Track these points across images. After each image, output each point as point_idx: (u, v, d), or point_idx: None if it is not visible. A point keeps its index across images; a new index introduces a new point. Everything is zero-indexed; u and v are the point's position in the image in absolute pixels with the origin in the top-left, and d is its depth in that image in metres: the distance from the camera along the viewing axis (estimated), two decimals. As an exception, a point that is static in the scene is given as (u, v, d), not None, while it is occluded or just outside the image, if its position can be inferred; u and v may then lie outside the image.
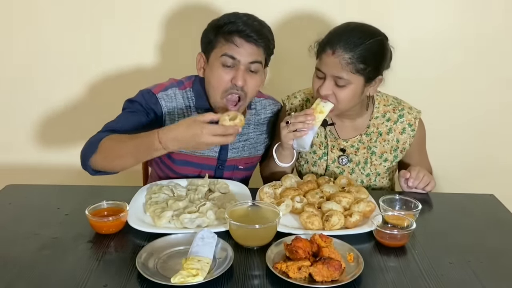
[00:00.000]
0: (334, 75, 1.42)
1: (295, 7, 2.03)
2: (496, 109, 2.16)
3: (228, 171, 1.65)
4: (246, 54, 1.43)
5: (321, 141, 1.66)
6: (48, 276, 1.06)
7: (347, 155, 1.64)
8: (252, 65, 1.46)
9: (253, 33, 1.42)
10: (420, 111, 1.64)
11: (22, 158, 2.27)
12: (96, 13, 2.04)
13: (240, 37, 1.42)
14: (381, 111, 1.62)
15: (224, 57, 1.43)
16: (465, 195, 1.56)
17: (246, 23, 1.43)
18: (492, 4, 2.01)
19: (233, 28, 1.42)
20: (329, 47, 1.41)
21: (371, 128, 1.62)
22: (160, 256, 1.12)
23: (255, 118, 1.67)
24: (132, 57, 2.11)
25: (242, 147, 1.65)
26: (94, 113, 1.56)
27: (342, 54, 1.39)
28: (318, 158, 1.67)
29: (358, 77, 1.42)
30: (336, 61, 1.40)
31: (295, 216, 1.34)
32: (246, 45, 1.43)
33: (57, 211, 1.36)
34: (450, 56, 2.09)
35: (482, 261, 1.15)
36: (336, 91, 1.44)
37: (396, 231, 1.21)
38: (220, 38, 1.45)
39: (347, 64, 1.39)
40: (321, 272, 1.03)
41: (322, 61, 1.44)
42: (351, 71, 1.40)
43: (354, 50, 1.39)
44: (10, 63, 2.13)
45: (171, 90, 1.55)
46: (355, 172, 1.65)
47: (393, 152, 1.64)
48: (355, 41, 1.39)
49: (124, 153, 1.32)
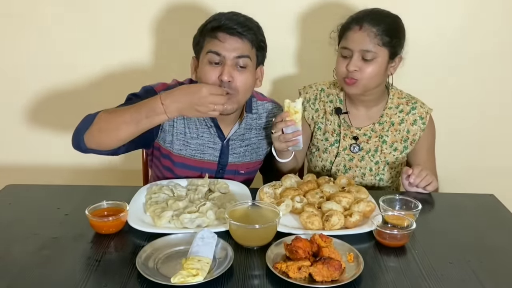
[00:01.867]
0: (362, 49, 1.51)
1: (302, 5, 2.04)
2: (496, 109, 2.16)
3: (229, 175, 1.64)
4: (231, 49, 1.42)
5: (334, 128, 1.71)
6: (48, 276, 1.06)
7: (358, 143, 1.68)
8: (240, 60, 1.44)
9: (236, 26, 1.41)
10: (431, 109, 1.69)
11: (22, 158, 2.27)
12: (97, 10, 2.04)
13: (223, 31, 1.41)
14: (395, 102, 1.68)
15: (209, 54, 1.43)
16: (465, 195, 1.56)
17: (229, 18, 1.43)
18: (500, 5, 2.01)
19: (216, 24, 1.42)
20: (356, 23, 1.53)
21: (384, 118, 1.67)
22: (160, 256, 1.12)
23: (256, 122, 1.66)
24: (130, 56, 2.11)
25: (243, 152, 1.64)
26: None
27: (369, 28, 1.50)
28: (329, 145, 1.72)
29: (384, 50, 1.52)
30: (364, 34, 1.51)
31: (295, 216, 1.34)
32: (230, 39, 1.42)
33: (57, 211, 1.36)
34: (451, 58, 2.09)
35: (482, 261, 1.15)
36: (363, 66, 1.52)
37: (396, 231, 1.21)
38: (206, 36, 1.45)
39: (375, 36, 1.50)
40: (321, 272, 1.03)
41: (348, 39, 1.54)
42: (378, 44, 1.51)
43: (380, 24, 1.51)
44: (10, 62, 2.13)
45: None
46: (364, 159, 1.69)
47: (403, 142, 1.68)
48: (378, 17, 1.53)
49: (123, 121, 1.31)
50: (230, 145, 1.61)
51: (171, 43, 2.08)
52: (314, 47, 1.66)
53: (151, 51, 2.10)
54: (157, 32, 2.07)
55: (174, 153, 1.58)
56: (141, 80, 1.65)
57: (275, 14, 1.96)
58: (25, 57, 2.11)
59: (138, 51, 2.10)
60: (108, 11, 2.03)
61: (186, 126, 1.57)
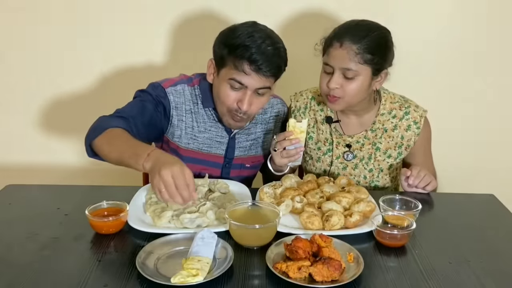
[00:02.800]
0: (343, 67, 1.44)
1: (303, 6, 2.04)
2: (496, 109, 2.16)
3: (235, 169, 1.67)
4: (254, 82, 1.42)
5: (326, 137, 1.68)
6: (48, 276, 1.06)
7: (352, 151, 1.66)
8: (260, 90, 1.45)
9: (263, 65, 1.38)
10: (426, 110, 1.65)
11: (22, 158, 2.27)
12: (107, 9, 2.04)
13: (250, 66, 1.39)
14: (388, 108, 1.64)
15: (232, 81, 1.43)
16: (465, 195, 1.56)
17: (259, 49, 1.38)
18: (495, 6, 2.02)
19: (246, 55, 1.38)
20: (336, 40, 1.45)
21: (376, 124, 1.64)
22: (160, 256, 1.12)
23: (262, 117, 1.68)
24: (142, 54, 2.11)
25: (249, 146, 1.67)
26: (96, 114, 1.55)
27: (349, 46, 1.43)
28: (322, 154, 1.70)
29: (366, 68, 1.45)
30: (344, 52, 1.43)
31: (295, 216, 1.34)
32: (255, 75, 1.41)
33: (57, 211, 1.36)
34: (449, 56, 2.09)
35: (482, 261, 1.15)
36: (345, 84, 1.47)
37: (396, 231, 1.21)
38: (231, 59, 1.41)
39: (355, 54, 1.43)
40: (321, 272, 1.03)
41: (330, 55, 1.47)
42: (359, 62, 1.43)
43: (361, 41, 1.42)
44: (12, 61, 2.12)
45: (180, 85, 1.57)
46: (358, 167, 1.67)
47: (397, 149, 1.65)
48: (361, 33, 1.44)
49: (115, 148, 1.31)
50: (237, 139, 1.64)
51: (181, 40, 2.08)
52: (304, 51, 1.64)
53: (160, 49, 2.10)
54: (166, 31, 2.07)
55: (181, 147, 1.59)
56: (151, 78, 1.65)
57: (265, 16, 1.93)
58: (28, 55, 2.11)
59: (148, 48, 2.11)
60: (119, 7, 2.04)
61: (194, 120, 1.58)
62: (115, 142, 1.34)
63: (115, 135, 1.35)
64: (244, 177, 1.69)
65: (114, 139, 1.34)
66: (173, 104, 1.55)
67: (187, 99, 1.57)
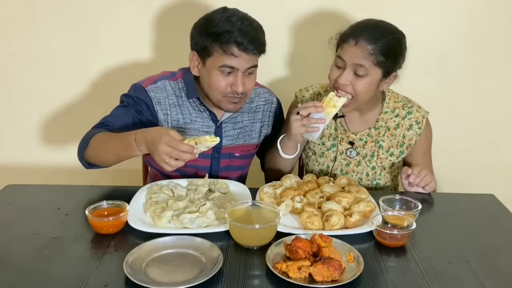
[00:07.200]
0: (356, 63, 1.46)
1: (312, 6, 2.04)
2: (496, 109, 2.16)
3: (225, 159, 1.67)
4: (244, 63, 1.46)
5: (331, 132, 1.69)
6: (48, 276, 1.06)
7: (355, 148, 1.66)
8: (249, 69, 1.49)
9: (250, 44, 1.42)
10: (428, 112, 1.66)
11: (22, 158, 2.27)
12: (93, 11, 2.04)
13: (238, 48, 1.43)
14: (391, 106, 1.66)
15: (223, 67, 1.45)
16: (465, 195, 1.56)
17: (241, 30, 1.42)
18: (497, 7, 2.01)
19: (230, 39, 1.41)
20: (352, 38, 1.46)
21: (379, 122, 1.65)
22: (148, 260, 1.10)
23: (248, 106, 1.69)
24: (129, 53, 2.11)
25: (236, 134, 1.68)
26: (94, 113, 1.56)
27: (365, 45, 1.44)
28: (326, 150, 1.70)
29: (377, 69, 1.47)
30: (359, 51, 1.45)
31: (295, 216, 1.34)
32: (245, 55, 1.44)
33: (57, 211, 1.36)
34: (451, 56, 2.09)
35: (482, 261, 1.15)
36: (354, 81, 1.48)
37: (396, 231, 1.21)
38: (217, 47, 1.44)
39: (369, 54, 1.44)
40: (321, 272, 1.03)
41: (344, 50, 1.49)
42: (372, 62, 1.45)
43: (376, 43, 1.44)
44: (9, 63, 2.13)
45: (161, 82, 1.60)
46: (361, 164, 1.68)
47: (399, 147, 1.66)
48: (377, 34, 1.45)
49: (107, 151, 1.42)
50: (223, 128, 1.65)
51: (167, 38, 2.08)
52: (310, 49, 1.64)
53: (147, 47, 2.10)
54: (153, 28, 2.07)
55: None
56: (140, 76, 1.65)
57: (271, 14, 1.94)
58: (24, 58, 2.12)
59: (134, 47, 2.10)
60: (105, 8, 2.04)
61: (179, 112, 1.60)
62: (103, 145, 1.42)
63: (100, 140, 1.43)
64: (235, 168, 1.70)
65: (101, 143, 1.42)
66: (155, 100, 1.57)
67: (169, 94, 1.59)
